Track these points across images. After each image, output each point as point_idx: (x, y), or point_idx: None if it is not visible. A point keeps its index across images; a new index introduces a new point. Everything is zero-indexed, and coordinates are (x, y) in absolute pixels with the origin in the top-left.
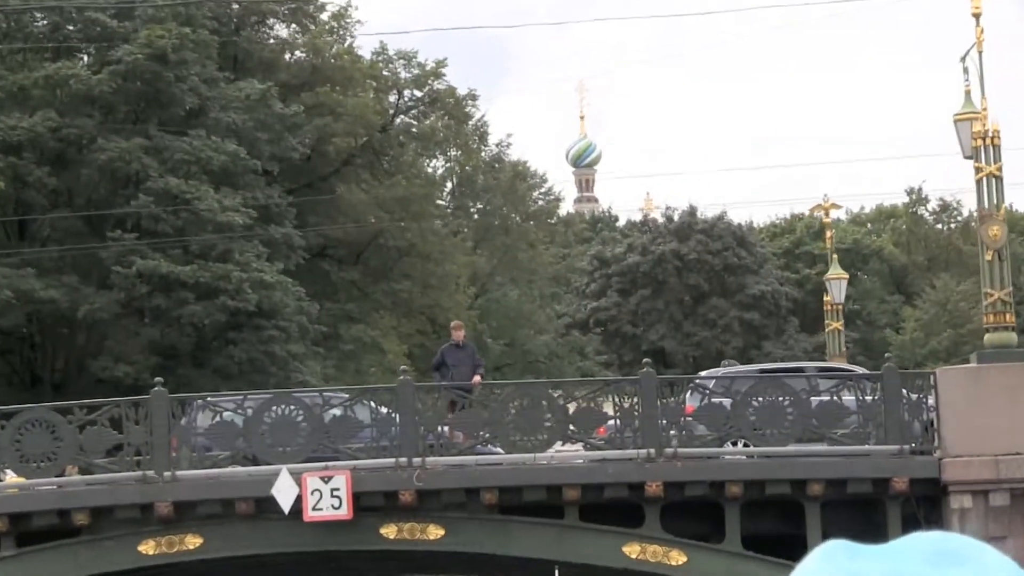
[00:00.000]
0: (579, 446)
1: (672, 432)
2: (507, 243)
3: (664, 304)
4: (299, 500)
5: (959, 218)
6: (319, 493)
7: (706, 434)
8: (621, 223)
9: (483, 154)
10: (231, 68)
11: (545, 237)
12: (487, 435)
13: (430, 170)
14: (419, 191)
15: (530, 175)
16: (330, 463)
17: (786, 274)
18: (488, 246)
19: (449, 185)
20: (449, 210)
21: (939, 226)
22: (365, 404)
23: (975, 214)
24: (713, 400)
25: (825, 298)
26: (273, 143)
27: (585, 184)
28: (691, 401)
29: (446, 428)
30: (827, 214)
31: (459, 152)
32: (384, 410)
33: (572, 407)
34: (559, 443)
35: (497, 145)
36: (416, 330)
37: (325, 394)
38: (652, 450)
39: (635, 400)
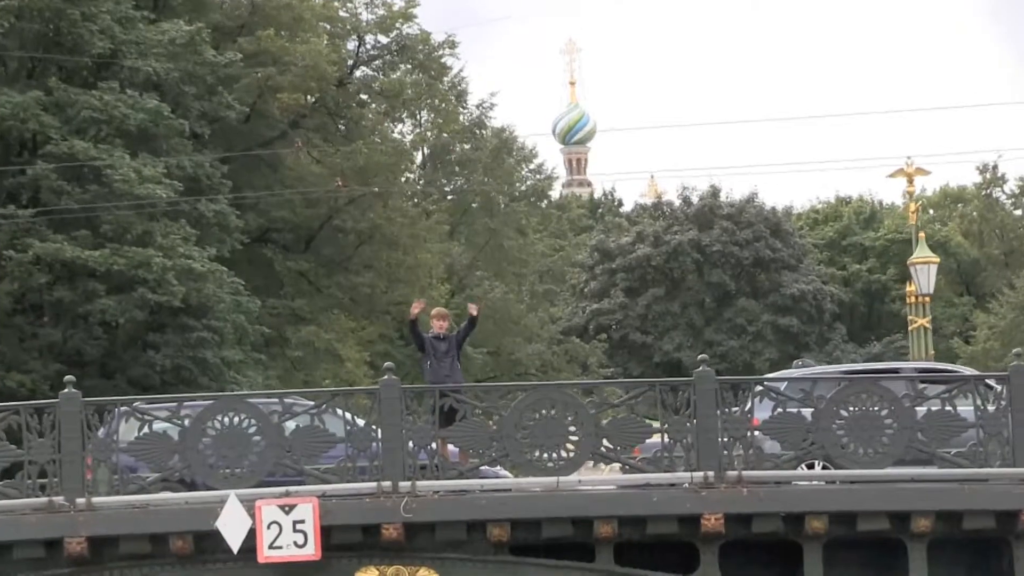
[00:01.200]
0: (615, 468)
1: (736, 450)
2: (491, 228)
3: (681, 307)
4: (252, 535)
5: None
6: (278, 526)
7: (780, 453)
8: (627, 207)
9: (461, 118)
10: (151, 7)
11: (537, 223)
12: (495, 453)
13: (397, 135)
14: (383, 161)
15: (517, 147)
16: (292, 488)
17: (830, 270)
18: (468, 232)
19: (420, 155)
20: (419, 186)
21: (1018, 212)
22: (337, 413)
23: None
24: (789, 409)
25: (908, 288)
26: (203, 99)
27: (576, 165)
28: (760, 411)
29: (440, 443)
30: (910, 181)
31: (432, 115)
32: (361, 421)
33: (606, 419)
34: (589, 463)
35: (479, 106)
36: (379, 334)
37: (286, 400)
38: (710, 473)
39: (688, 408)
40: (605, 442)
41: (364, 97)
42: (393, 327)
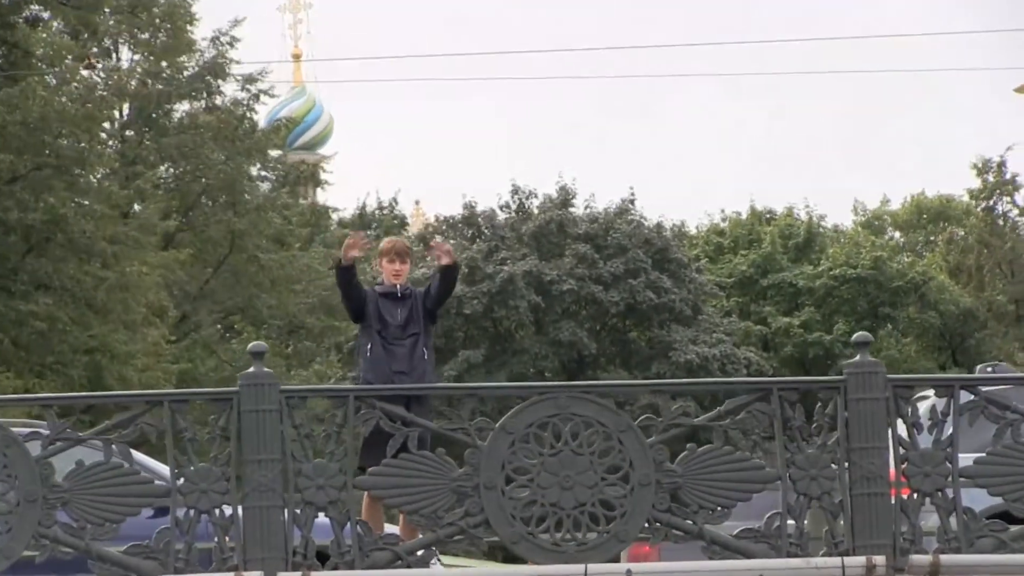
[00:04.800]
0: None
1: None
2: (234, 231)
3: (509, 378)
4: None
5: None
6: None
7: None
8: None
9: (186, 61)
10: None
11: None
12: (467, 520)
13: (86, 74)
14: (70, 115)
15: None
16: None
17: (744, 324)
18: (197, 240)
19: (119, 114)
20: (116, 158)
21: None
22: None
23: None
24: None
25: None
26: None
27: (307, 182)
28: (970, 439)
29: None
30: None
31: (140, 52)
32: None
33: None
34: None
35: (214, 42)
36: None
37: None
38: (878, 559)
39: (832, 433)
40: (674, 499)
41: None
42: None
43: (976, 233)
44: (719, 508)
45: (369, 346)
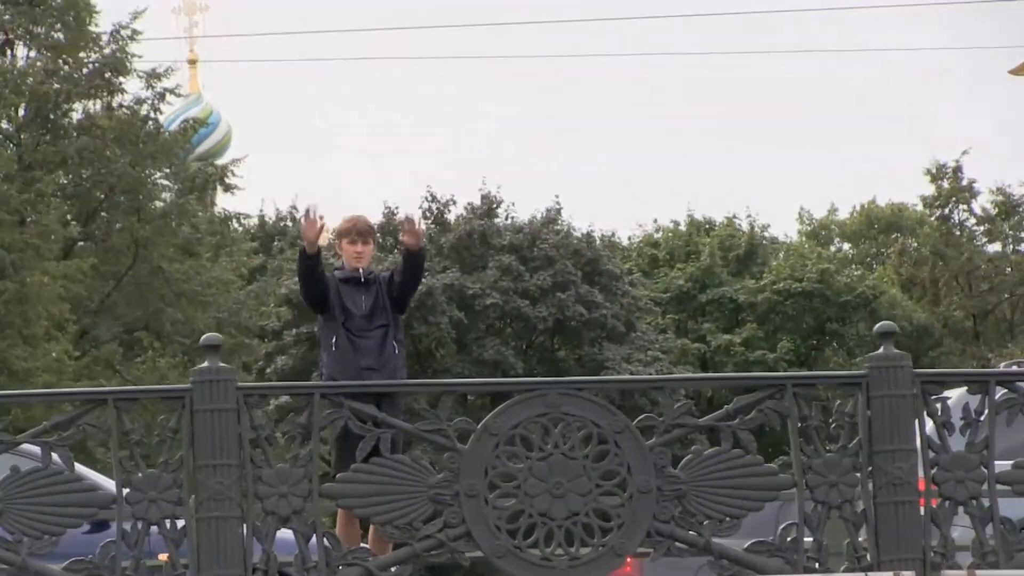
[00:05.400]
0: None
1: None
2: (137, 240)
3: (430, 402)
4: None
5: None
6: None
7: None
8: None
9: (88, 56)
10: None
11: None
12: (448, 532)
13: None
14: None
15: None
16: None
17: (681, 342)
18: (98, 249)
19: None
20: (13, 160)
21: (995, 247)
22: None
23: None
24: None
25: None
26: None
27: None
28: (1007, 439)
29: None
30: None
31: (35, 49)
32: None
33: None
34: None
35: (114, 35)
36: None
37: None
38: (904, 575)
39: (850, 433)
40: (677, 508)
41: None
42: None
43: (930, 244)
44: (728, 518)
45: (333, 339)
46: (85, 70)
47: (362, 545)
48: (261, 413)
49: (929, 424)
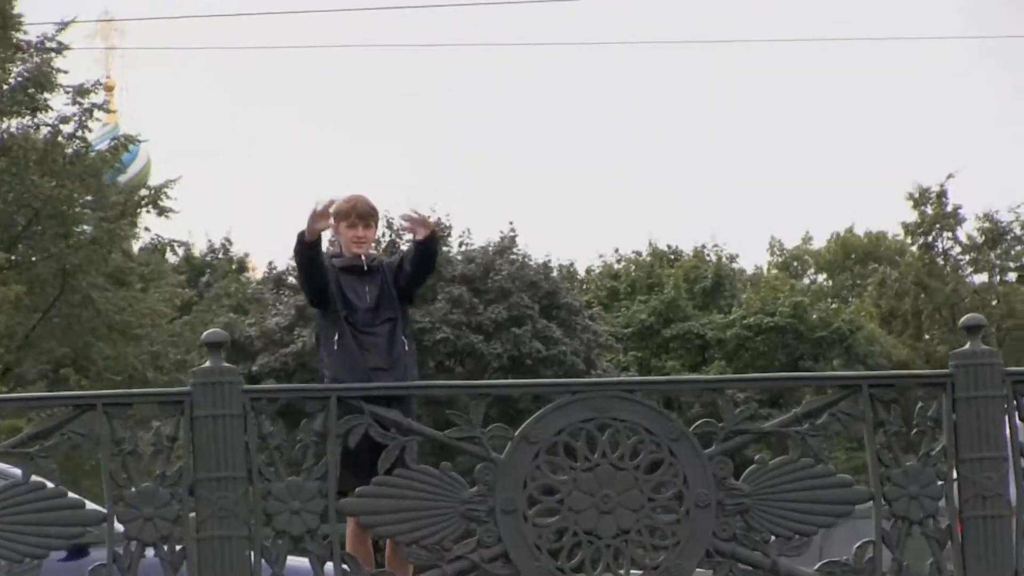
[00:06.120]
0: None
1: None
2: (64, 268)
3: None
4: None
5: None
6: None
7: None
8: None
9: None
10: None
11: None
12: (481, 552)
13: None
14: None
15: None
16: None
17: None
18: (25, 277)
19: None
20: None
21: (982, 278)
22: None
23: None
24: None
25: None
26: None
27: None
28: None
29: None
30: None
31: None
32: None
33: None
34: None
35: (37, 48)
36: None
37: None
38: None
39: (934, 437)
40: (739, 524)
41: None
42: None
43: (912, 274)
44: (797, 536)
45: (336, 336)
46: (6, 85)
47: (384, 570)
48: (270, 420)
49: (1022, 429)
